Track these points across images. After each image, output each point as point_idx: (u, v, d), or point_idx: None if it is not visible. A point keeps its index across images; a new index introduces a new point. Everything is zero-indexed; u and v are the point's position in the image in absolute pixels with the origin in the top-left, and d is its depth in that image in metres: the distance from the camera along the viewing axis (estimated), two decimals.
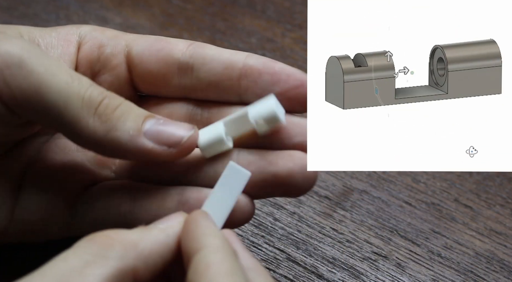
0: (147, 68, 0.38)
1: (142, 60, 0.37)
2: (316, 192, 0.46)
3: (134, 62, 0.38)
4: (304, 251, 0.43)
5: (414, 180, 0.47)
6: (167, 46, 0.37)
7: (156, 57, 0.37)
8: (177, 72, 0.37)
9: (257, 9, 0.59)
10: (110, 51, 0.38)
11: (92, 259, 0.28)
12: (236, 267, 0.29)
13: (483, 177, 0.48)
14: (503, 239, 0.44)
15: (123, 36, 0.38)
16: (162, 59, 0.37)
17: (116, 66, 0.38)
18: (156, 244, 0.31)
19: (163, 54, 0.37)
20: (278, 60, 0.55)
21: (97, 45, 0.38)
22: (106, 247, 0.29)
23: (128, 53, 0.38)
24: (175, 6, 0.59)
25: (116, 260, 0.29)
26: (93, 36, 0.38)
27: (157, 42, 0.38)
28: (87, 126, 0.33)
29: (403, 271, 0.42)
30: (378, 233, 0.44)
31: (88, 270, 0.28)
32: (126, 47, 0.38)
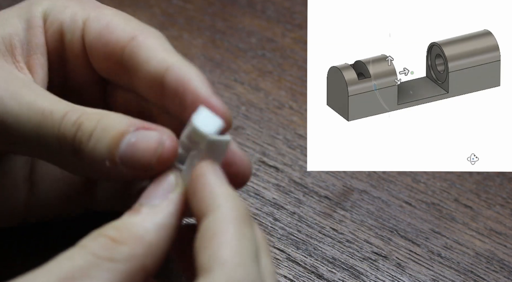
0: (97, 61, 0.36)
1: (92, 52, 0.36)
2: (316, 192, 0.46)
3: (88, 52, 0.36)
4: (304, 251, 0.43)
5: (414, 180, 0.47)
6: (111, 40, 0.35)
7: (104, 52, 0.35)
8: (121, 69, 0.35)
9: (257, 9, 0.59)
10: (70, 39, 0.36)
11: (97, 261, 0.27)
12: (246, 241, 0.28)
13: (483, 177, 0.48)
14: (503, 239, 0.44)
15: (82, 15, 0.36)
16: (108, 55, 0.35)
17: (77, 56, 0.36)
18: (161, 231, 0.29)
19: (107, 50, 0.35)
20: (278, 60, 0.55)
21: (59, 32, 0.36)
22: (111, 249, 0.28)
23: (83, 41, 0.36)
24: (175, 6, 0.59)
25: (123, 263, 0.28)
26: (56, 17, 0.36)
27: (106, 30, 0.35)
28: (69, 164, 0.32)
29: (403, 271, 0.42)
30: (378, 233, 0.44)
31: (94, 273, 0.27)
32: (82, 33, 0.36)
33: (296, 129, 0.50)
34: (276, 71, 0.54)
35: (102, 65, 0.36)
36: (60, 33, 0.36)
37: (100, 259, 0.27)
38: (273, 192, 0.46)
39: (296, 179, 0.47)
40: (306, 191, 0.46)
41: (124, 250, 0.28)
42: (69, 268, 0.27)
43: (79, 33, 0.36)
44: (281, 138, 0.49)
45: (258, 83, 0.53)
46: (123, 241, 0.28)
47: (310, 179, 0.47)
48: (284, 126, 0.50)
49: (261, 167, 0.47)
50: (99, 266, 0.27)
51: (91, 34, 0.35)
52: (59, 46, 0.37)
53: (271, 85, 0.53)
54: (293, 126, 0.50)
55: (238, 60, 0.55)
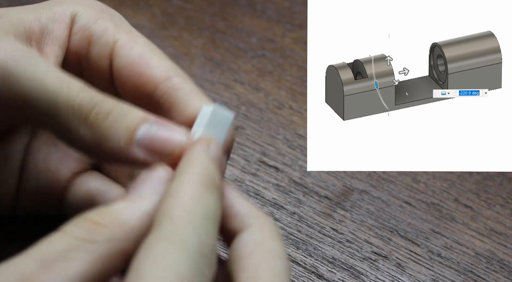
0: (124, 86, 0.37)
1: (121, 77, 0.36)
2: (316, 192, 0.46)
3: (115, 75, 0.37)
4: (304, 251, 0.43)
5: (414, 180, 0.47)
6: (145, 73, 0.36)
7: (134, 83, 0.36)
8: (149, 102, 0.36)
9: (257, 9, 0.59)
10: (97, 53, 0.37)
11: (78, 243, 0.27)
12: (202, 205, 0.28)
13: (483, 177, 0.48)
14: (503, 239, 0.44)
15: (114, 34, 0.37)
16: (138, 87, 0.36)
17: (100, 70, 0.37)
18: (145, 218, 0.29)
19: (139, 81, 0.36)
20: (278, 60, 0.55)
21: (87, 41, 0.37)
22: (92, 231, 0.28)
23: (111, 61, 0.37)
24: (175, 6, 0.59)
25: (103, 244, 0.28)
26: (85, 26, 0.37)
27: (139, 60, 0.36)
28: (78, 136, 0.32)
29: (403, 271, 0.42)
30: (378, 233, 0.44)
31: (73, 254, 0.27)
32: (111, 52, 0.37)
33: (296, 129, 0.50)
34: (276, 71, 0.54)
35: (128, 91, 0.37)
36: (88, 42, 0.37)
37: (80, 241, 0.28)
38: (273, 192, 0.46)
39: (296, 179, 0.47)
40: (306, 191, 0.46)
41: (105, 233, 0.28)
42: (49, 251, 0.27)
43: (107, 51, 0.37)
44: (281, 138, 0.49)
45: (258, 83, 0.53)
46: (105, 224, 0.28)
47: (310, 179, 0.47)
48: (284, 126, 0.50)
49: (261, 167, 0.47)
50: (79, 248, 0.27)
51: (122, 59, 0.36)
52: (83, 53, 0.37)
53: (271, 85, 0.53)
54: (293, 126, 0.50)
55: (238, 60, 0.55)
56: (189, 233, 0.27)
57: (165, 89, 0.35)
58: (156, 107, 0.36)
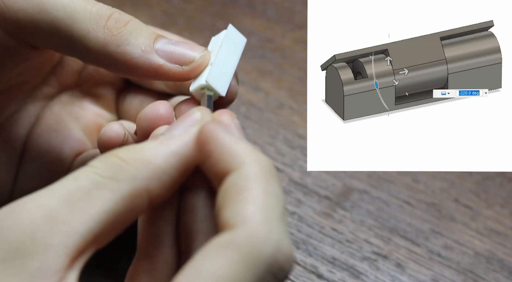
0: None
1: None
2: (316, 192, 0.46)
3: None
4: (304, 251, 0.43)
5: (414, 180, 0.47)
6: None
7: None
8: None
9: (257, 9, 0.59)
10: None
11: (102, 181, 0.27)
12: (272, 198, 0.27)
13: (483, 177, 0.48)
14: (503, 239, 0.44)
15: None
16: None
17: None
18: (172, 158, 0.29)
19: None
20: (278, 60, 0.55)
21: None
22: (117, 168, 0.28)
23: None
24: (175, 6, 0.59)
25: (127, 183, 0.27)
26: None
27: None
28: (97, 39, 0.32)
29: (403, 271, 0.42)
30: (378, 233, 0.44)
31: (96, 192, 0.27)
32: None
33: (296, 129, 0.50)
34: (276, 71, 0.54)
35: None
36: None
37: (104, 178, 0.27)
38: None
39: (296, 179, 0.47)
40: (306, 191, 0.46)
41: (129, 170, 0.28)
42: (73, 188, 0.27)
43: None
44: (281, 138, 0.49)
45: (258, 83, 0.53)
46: (130, 162, 0.28)
47: (310, 179, 0.47)
48: (284, 126, 0.50)
49: None
50: (102, 186, 0.27)
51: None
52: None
53: (271, 85, 0.53)
54: (293, 126, 0.50)
55: None
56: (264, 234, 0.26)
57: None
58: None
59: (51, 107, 0.39)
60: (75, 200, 0.27)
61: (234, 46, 0.35)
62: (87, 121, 0.38)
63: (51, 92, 0.39)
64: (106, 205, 0.27)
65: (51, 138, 0.38)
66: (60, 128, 0.38)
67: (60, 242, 0.26)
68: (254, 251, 0.25)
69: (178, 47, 0.33)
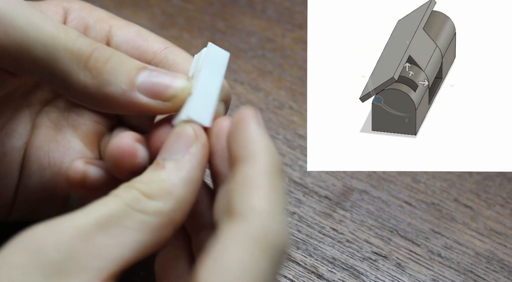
0: None
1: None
2: (316, 192, 0.46)
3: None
4: (304, 251, 0.43)
5: (414, 180, 0.47)
6: (143, 45, 0.37)
7: (131, 54, 0.36)
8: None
9: (257, 9, 0.59)
10: (94, 36, 0.37)
11: (131, 212, 0.28)
12: (280, 194, 0.29)
13: (483, 177, 0.48)
14: (503, 239, 0.44)
15: (109, 20, 0.38)
16: (136, 57, 0.36)
17: None
18: (188, 185, 0.30)
19: (137, 52, 0.37)
20: (278, 60, 0.55)
21: (83, 26, 0.37)
22: (144, 200, 0.29)
23: (107, 41, 0.37)
24: (175, 6, 0.59)
25: (156, 216, 0.29)
26: (80, 15, 0.37)
27: (137, 36, 0.37)
28: (78, 81, 0.32)
29: (403, 271, 0.42)
30: (378, 233, 0.44)
31: (127, 222, 0.28)
32: (108, 34, 0.37)
33: (296, 129, 0.50)
34: (276, 71, 0.54)
35: None
36: (84, 28, 0.37)
37: (133, 210, 0.28)
38: None
39: (296, 179, 0.47)
40: (306, 191, 0.46)
41: (156, 205, 0.29)
42: (105, 214, 0.28)
43: (104, 33, 0.37)
44: (281, 138, 0.49)
45: (258, 83, 0.53)
46: (153, 195, 0.29)
47: (310, 179, 0.47)
48: (284, 126, 0.50)
49: None
50: (132, 217, 0.28)
51: (120, 37, 0.37)
52: None
53: (271, 85, 0.53)
54: (293, 126, 0.50)
55: (238, 60, 0.55)
56: (275, 226, 0.28)
57: (163, 55, 0.36)
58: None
59: (47, 113, 0.38)
60: (109, 226, 0.28)
61: (216, 66, 0.34)
62: (86, 130, 0.38)
63: (46, 97, 0.38)
64: (137, 236, 0.28)
65: (51, 150, 0.37)
66: (59, 138, 0.38)
67: (96, 265, 0.27)
68: (269, 242, 0.27)
69: (160, 79, 0.33)
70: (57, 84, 0.33)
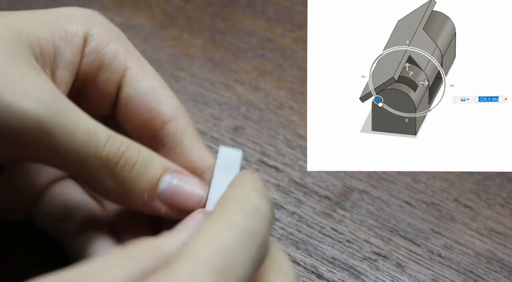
0: (128, 116, 0.37)
1: (128, 108, 0.37)
2: (316, 192, 0.46)
3: (121, 102, 0.37)
4: (304, 251, 0.43)
5: (414, 180, 0.47)
6: (155, 109, 0.37)
7: (140, 116, 0.37)
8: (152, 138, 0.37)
9: (257, 9, 0.59)
10: (107, 77, 0.37)
11: (117, 260, 0.28)
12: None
13: (483, 177, 0.48)
14: (503, 239, 0.44)
15: (125, 59, 0.37)
16: (145, 121, 0.37)
17: (106, 95, 0.37)
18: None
19: (147, 116, 0.37)
20: (278, 60, 0.55)
21: (98, 64, 0.37)
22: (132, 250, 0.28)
23: (119, 88, 0.37)
24: (175, 6, 0.59)
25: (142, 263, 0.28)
26: (98, 47, 0.37)
27: (150, 93, 0.37)
28: (103, 186, 0.33)
29: (403, 271, 0.42)
30: (378, 233, 0.44)
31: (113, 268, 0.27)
32: (121, 78, 0.37)
33: (296, 129, 0.50)
34: (276, 71, 0.54)
35: (132, 122, 0.38)
36: (99, 65, 0.37)
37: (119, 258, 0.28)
38: (273, 192, 0.46)
39: (296, 179, 0.47)
40: (306, 191, 0.46)
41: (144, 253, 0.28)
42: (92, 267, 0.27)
43: (117, 77, 0.37)
44: (281, 138, 0.49)
45: (258, 83, 0.53)
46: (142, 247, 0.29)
47: (310, 179, 0.47)
48: (284, 126, 0.50)
49: (261, 167, 0.47)
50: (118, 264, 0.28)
51: (133, 90, 0.37)
52: (91, 75, 0.37)
53: (271, 85, 0.53)
54: (293, 126, 0.50)
55: (238, 60, 0.55)
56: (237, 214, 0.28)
57: (171, 130, 0.37)
58: (157, 143, 0.37)
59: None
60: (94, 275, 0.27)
61: (228, 170, 0.35)
62: None
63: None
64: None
65: (29, 166, 0.37)
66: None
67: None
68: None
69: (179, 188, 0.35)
70: (82, 181, 0.34)
